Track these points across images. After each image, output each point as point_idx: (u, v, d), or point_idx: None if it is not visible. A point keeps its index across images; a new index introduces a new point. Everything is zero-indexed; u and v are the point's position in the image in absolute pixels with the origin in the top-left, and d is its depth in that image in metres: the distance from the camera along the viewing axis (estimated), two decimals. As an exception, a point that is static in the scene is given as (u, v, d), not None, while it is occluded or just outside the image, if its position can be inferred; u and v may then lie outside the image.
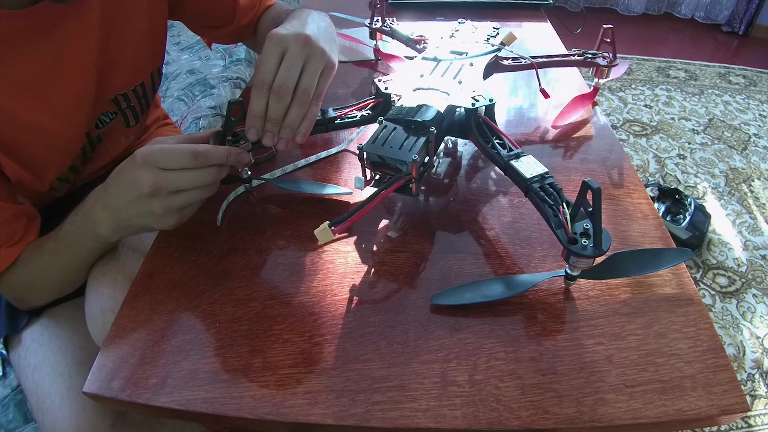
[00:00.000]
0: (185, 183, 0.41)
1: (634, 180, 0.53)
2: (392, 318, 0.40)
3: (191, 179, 0.42)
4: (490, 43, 0.60)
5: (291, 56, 0.44)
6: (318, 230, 0.39)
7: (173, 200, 0.42)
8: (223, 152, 0.43)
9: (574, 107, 0.63)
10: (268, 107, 0.44)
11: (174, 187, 0.41)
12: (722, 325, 1.11)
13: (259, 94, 0.44)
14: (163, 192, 0.41)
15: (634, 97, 1.92)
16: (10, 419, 0.56)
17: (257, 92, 0.44)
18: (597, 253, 0.36)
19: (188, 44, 1.35)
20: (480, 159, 0.57)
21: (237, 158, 0.45)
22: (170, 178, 0.40)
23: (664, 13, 2.64)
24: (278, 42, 0.44)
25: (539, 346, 0.38)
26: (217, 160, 0.43)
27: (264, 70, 0.44)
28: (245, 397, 0.35)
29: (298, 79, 0.44)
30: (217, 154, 0.43)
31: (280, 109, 0.44)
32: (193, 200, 0.43)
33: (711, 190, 1.47)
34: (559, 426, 0.33)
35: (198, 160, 0.41)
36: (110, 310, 0.49)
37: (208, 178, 0.42)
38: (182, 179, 0.41)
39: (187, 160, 0.41)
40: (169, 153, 0.41)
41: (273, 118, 0.44)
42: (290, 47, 0.44)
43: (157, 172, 0.40)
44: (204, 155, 0.41)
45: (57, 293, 0.55)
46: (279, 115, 0.44)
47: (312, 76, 0.45)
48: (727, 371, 0.36)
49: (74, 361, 0.53)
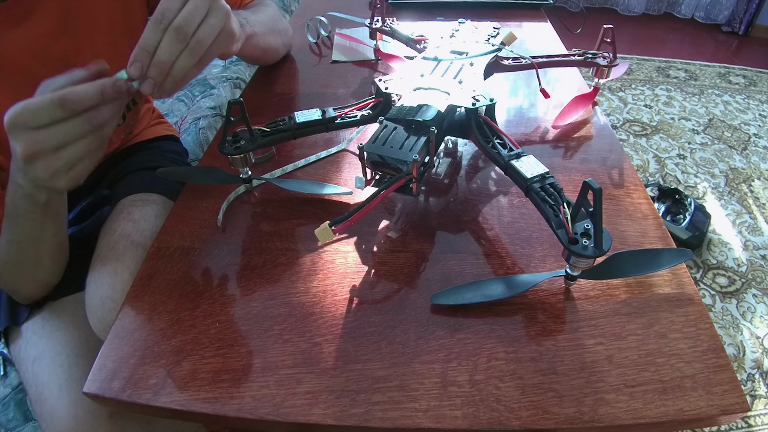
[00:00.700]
0: (62, 138, 0.37)
1: (634, 180, 0.53)
2: (393, 318, 0.40)
3: (67, 132, 0.37)
4: (491, 43, 0.60)
5: (195, 0, 0.41)
6: (318, 230, 0.39)
7: (56, 161, 0.37)
8: (94, 89, 0.38)
9: (574, 107, 0.63)
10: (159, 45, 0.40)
11: (51, 145, 0.37)
12: (722, 325, 1.11)
13: (156, 28, 0.39)
14: (42, 155, 0.37)
15: (634, 97, 1.92)
16: (11, 418, 0.56)
17: (154, 25, 0.39)
18: (597, 254, 0.36)
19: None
20: (480, 159, 0.57)
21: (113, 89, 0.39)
22: (43, 137, 0.36)
23: (664, 13, 2.65)
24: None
25: (539, 346, 0.38)
26: (91, 102, 0.37)
27: (167, 5, 0.40)
28: (245, 397, 0.35)
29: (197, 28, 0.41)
30: (87, 93, 0.37)
31: (173, 50, 0.40)
32: (78, 155, 0.38)
33: (711, 190, 1.47)
34: (559, 426, 0.33)
35: (66, 107, 0.36)
36: (110, 299, 0.50)
37: (86, 125, 0.37)
38: (57, 135, 0.36)
39: (55, 110, 0.36)
40: (33, 108, 0.36)
41: (161, 60, 0.40)
42: (213, 8, 0.41)
43: (27, 134, 0.36)
44: (72, 100, 0.36)
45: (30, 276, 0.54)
46: (169, 59, 0.40)
47: (211, 28, 0.42)
48: (727, 371, 0.36)
49: (74, 353, 0.53)
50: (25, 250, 0.50)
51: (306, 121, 0.51)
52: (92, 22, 0.54)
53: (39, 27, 0.49)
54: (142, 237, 0.55)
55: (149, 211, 0.60)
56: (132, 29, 0.60)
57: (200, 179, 0.55)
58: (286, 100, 0.70)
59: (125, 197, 0.62)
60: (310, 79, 0.75)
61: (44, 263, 0.53)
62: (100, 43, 0.56)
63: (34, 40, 0.49)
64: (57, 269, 0.56)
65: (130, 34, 0.60)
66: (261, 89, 0.72)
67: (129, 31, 0.59)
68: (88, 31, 0.54)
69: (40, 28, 0.49)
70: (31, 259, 0.52)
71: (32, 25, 0.49)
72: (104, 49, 0.57)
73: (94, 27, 0.55)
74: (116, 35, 0.58)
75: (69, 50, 0.53)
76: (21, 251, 0.50)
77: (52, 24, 0.50)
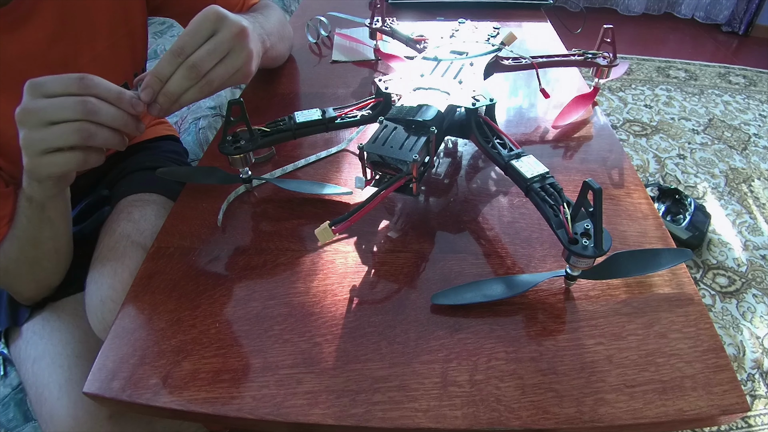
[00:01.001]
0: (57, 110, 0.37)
1: (634, 180, 0.53)
2: (393, 318, 0.40)
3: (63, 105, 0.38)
4: (491, 43, 0.60)
5: (219, 39, 0.42)
6: (318, 230, 0.39)
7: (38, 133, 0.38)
8: (117, 89, 0.40)
9: (574, 107, 0.63)
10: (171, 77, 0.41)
11: (43, 114, 0.37)
12: (722, 325, 1.11)
13: (171, 61, 0.41)
14: (31, 119, 0.38)
15: (634, 97, 1.92)
16: (11, 418, 0.56)
17: (171, 58, 0.41)
18: (597, 254, 0.36)
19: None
20: (480, 159, 0.57)
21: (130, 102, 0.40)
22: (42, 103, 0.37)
23: (664, 13, 2.64)
24: (215, 20, 0.42)
25: (539, 346, 0.38)
26: (105, 93, 0.39)
27: (188, 40, 0.41)
28: (245, 397, 0.35)
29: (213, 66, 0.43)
30: (108, 88, 0.39)
31: (183, 85, 0.42)
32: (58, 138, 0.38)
33: (711, 190, 1.47)
34: (559, 426, 0.33)
35: (83, 82, 0.38)
36: (110, 299, 0.50)
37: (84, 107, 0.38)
38: (54, 105, 0.37)
39: (71, 82, 0.38)
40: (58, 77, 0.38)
41: (171, 92, 0.42)
42: (222, 31, 0.42)
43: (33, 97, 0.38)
44: (91, 79, 0.38)
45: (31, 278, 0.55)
46: (178, 92, 0.42)
47: (226, 71, 0.43)
48: (728, 371, 0.36)
49: (74, 353, 0.53)
50: (24, 248, 0.51)
51: (306, 121, 0.51)
52: (91, 25, 0.54)
53: (37, 31, 0.49)
54: (142, 237, 0.55)
55: (149, 211, 0.60)
56: (132, 32, 0.60)
57: (200, 179, 0.55)
58: (286, 100, 0.70)
59: (125, 197, 0.62)
60: (310, 79, 0.75)
61: (43, 264, 0.53)
62: (99, 47, 0.56)
63: (32, 45, 0.49)
64: (57, 271, 0.56)
65: (129, 37, 0.60)
66: (261, 89, 0.72)
67: (129, 34, 0.59)
68: (88, 35, 0.54)
69: (38, 33, 0.50)
70: (30, 259, 0.52)
71: (30, 29, 0.49)
72: (104, 53, 0.57)
73: (94, 30, 0.55)
74: (116, 39, 0.58)
75: (68, 54, 0.53)
76: (21, 249, 0.51)
77: (50, 28, 0.50)
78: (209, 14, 0.42)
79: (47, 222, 0.49)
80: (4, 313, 0.59)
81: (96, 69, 0.56)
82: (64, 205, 0.51)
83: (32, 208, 0.47)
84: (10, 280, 0.54)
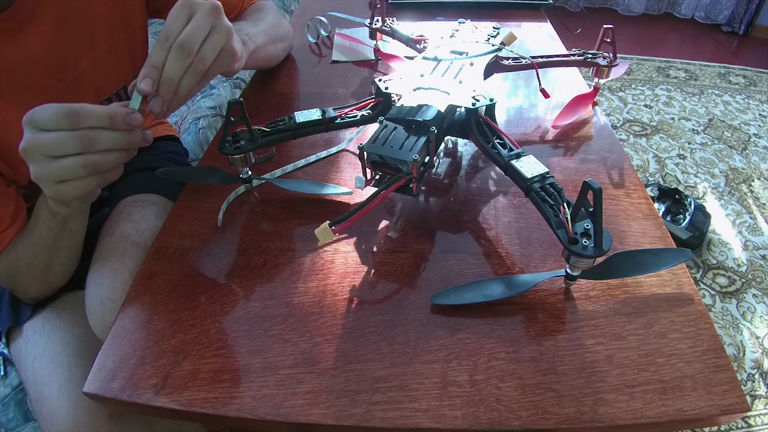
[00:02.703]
0: (53, 146, 0.37)
1: (634, 180, 0.53)
2: (392, 318, 0.40)
3: (57, 142, 0.37)
4: (491, 43, 0.60)
5: (197, 19, 0.42)
6: (318, 230, 0.39)
7: (45, 167, 0.38)
8: (104, 111, 0.38)
9: (574, 107, 0.63)
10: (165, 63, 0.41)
11: (44, 150, 0.37)
12: (722, 325, 1.11)
13: (162, 47, 0.41)
14: (35, 154, 0.38)
15: (634, 97, 1.92)
16: (11, 418, 0.56)
17: (160, 44, 0.41)
18: (597, 254, 0.36)
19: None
20: (480, 159, 0.57)
21: (125, 118, 0.39)
22: (41, 139, 0.37)
23: (664, 13, 2.65)
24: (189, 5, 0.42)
25: (539, 346, 0.38)
26: (97, 121, 0.38)
27: (170, 26, 0.41)
28: (245, 397, 0.35)
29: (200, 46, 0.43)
30: (95, 112, 0.38)
31: (179, 67, 0.41)
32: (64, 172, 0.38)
33: (711, 190, 1.47)
34: (559, 426, 0.33)
35: (70, 119, 0.37)
36: (110, 299, 0.50)
37: (77, 142, 0.37)
38: (51, 142, 0.37)
39: (59, 118, 0.37)
40: (44, 109, 0.37)
41: (169, 78, 0.41)
42: (198, 12, 0.42)
43: (32, 132, 0.37)
44: (78, 114, 0.37)
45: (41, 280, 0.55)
46: (175, 76, 0.41)
47: (213, 47, 0.43)
48: (727, 371, 0.36)
49: (74, 352, 0.53)
50: (39, 254, 0.51)
51: (306, 121, 0.51)
52: (91, 29, 0.54)
53: (37, 36, 0.49)
54: (142, 238, 0.55)
55: (149, 212, 0.60)
56: (131, 35, 0.60)
57: (200, 179, 0.55)
58: (286, 100, 0.70)
59: (125, 198, 0.62)
60: (310, 79, 0.75)
61: (55, 269, 0.54)
62: (99, 51, 0.56)
63: (32, 50, 0.49)
64: (67, 274, 0.57)
65: (129, 40, 0.60)
66: (261, 89, 0.72)
67: (129, 37, 0.59)
68: (88, 39, 0.54)
69: (38, 38, 0.49)
70: (44, 264, 0.53)
71: (30, 34, 0.49)
72: (104, 57, 0.57)
73: (94, 34, 0.55)
74: (116, 42, 0.58)
75: (67, 58, 0.53)
76: (36, 255, 0.51)
77: (50, 33, 0.50)
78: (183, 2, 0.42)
79: (68, 233, 0.50)
80: (6, 312, 0.59)
81: (95, 73, 0.56)
82: (85, 217, 0.52)
83: (55, 221, 0.48)
84: (19, 281, 0.55)
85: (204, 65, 0.43)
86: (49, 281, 0.56)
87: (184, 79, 0.42)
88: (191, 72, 0.42)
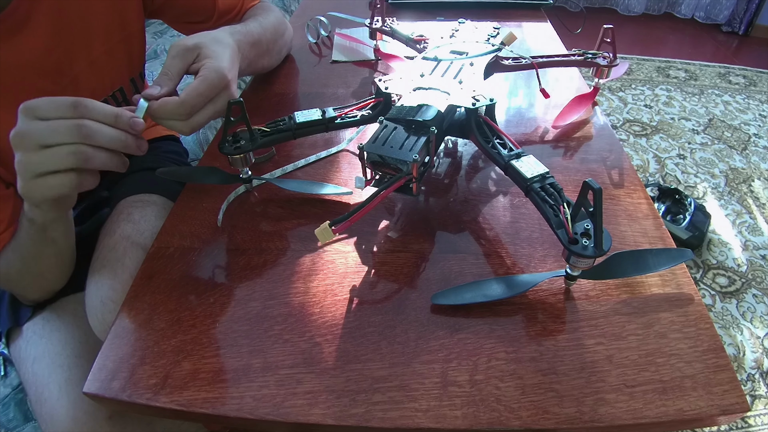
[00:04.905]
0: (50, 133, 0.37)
1: (634, 180, 0.53)
2: (393, 318, 0.40)
3: (57, 129, 0.37)
4: (491, 43, 0.60)
5: (216, 106, 0.46)
6: (318, 230, 0.39)
7: (33, 156, 0.37)
8: (111, 110, 0.39)
9: (574, 107, 0.63)
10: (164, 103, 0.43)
11: (38, 137, 0.37)
12: (722, 325, 1.11)
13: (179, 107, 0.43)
14: (26, 141, 0.37)
15: (634, 97, 1.92)
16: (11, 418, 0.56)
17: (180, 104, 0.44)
18: (598, 254, 0.36)
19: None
20: (480, 159, 0.57)
21: (129, 122, 0.40)
22: (37, 126, 0.37)
23: (664, 13, 2.65)
24: (220, 85, 0.46)
25: (540, 346, 0.38)
26: (101, 117, 0.38)
27: (194, 96, 0.44)
28: (245, 397, 0.35)
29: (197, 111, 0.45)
30: (103, 110, 0.39)
31: (168, 115, 0.44)
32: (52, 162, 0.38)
33: (711, 190, 1.47)
34: (559, 426, 0.33)
35: (77, 109, 0.37)
36: (110, 300, 0.50)
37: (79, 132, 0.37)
38: (47, 129, 0.37)
39: (64, 108, 0.37)
40: (51, 100, 0.37)
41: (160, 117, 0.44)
42: (221, 97, 0.46)
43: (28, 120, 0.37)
44: (86, 106, 0.38)
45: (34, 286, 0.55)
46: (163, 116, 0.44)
47: (210, 117, 0.47)
48: (727, 371, 0.36)
49: (74, 353, 0.53)
50: (26, 262, 0.51)
51: (306, 121, 0.51)
52: (88, 31, 0.54)
53: (33, 38, 0.49)
54: (142, 238, 0.55)
55: (149, 212, 0.60)
56: (128, 37, 0.60)
57: (200, 179, 0.55)
58: (286, 100, 0.70)
59: (125, 198, 0.62)
60: (310, 79, 0.75)
61: (46, 276, 0.54)
62: (96, 52, 0.56)
63: (28, 52, 0.49)
64: (61, 279, 0.57)
65: (126, 41, 0.60)
66: (261, 89, 0.72)
67: (125, 39, 0.59)
68: (83, 41, 0.54)
69: (34, 40, 0.49)
70: (34, 272, 0.53)
71: (26, 36, 0.49)
72: (101, 58, 0.57)
73: (90, 36, 0.55)
74: (112, 44, 0.58)
75: (64, 60, 0.53)
76: (23, 262, 0.51)
77: (46, 35, 0.50)
78: (219, 74, 0.46)
79: (50, 242, 0.50)
80: (6, 312, 0.59)
81: (92, 74, 0.56)
82: (66, 226, 0.51)
83: (34, 229, 0.47)
84: (14, 285, 0.55)
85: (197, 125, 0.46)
86: (43, 287, 0.56)
87: (173, 124, 0.45)
88: (183, 124, 0.46)
